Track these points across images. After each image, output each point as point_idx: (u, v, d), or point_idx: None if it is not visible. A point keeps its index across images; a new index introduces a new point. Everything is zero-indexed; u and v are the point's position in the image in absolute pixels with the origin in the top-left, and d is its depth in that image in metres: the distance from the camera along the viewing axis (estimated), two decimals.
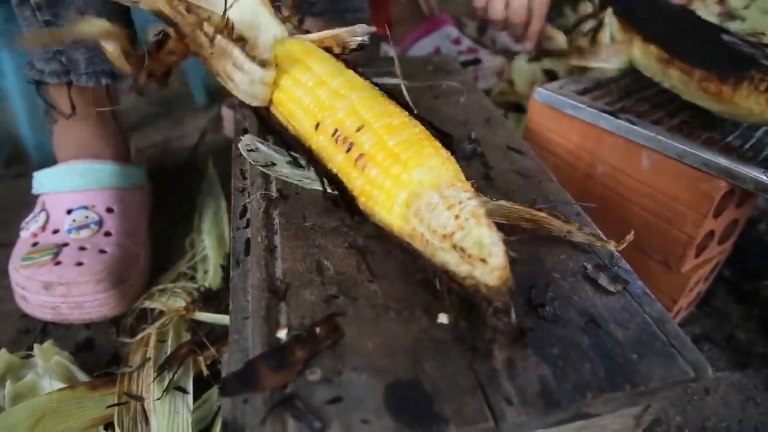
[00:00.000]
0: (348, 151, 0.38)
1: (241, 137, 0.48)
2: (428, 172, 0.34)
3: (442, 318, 0.33)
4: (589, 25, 0.72)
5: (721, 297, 0.71)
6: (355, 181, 0.38)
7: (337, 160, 0.39)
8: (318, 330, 0.32)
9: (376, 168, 0.36)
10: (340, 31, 0.49)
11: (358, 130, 0.38)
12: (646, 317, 0.35)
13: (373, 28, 0.49)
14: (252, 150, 0.47)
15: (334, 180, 0.40)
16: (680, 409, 0.56)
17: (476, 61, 1.11)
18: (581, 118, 0.60)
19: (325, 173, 0.41)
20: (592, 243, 0.40)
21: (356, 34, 0.49)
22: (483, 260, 0.30)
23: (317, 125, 0.40)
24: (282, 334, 0.32)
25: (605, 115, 0.58)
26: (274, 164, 0.46)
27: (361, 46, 0.48)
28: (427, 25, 1.22)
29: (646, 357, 0.32)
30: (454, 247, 0.31)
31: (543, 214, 0.40)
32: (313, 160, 0.42)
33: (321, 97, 0.40)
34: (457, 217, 0.31)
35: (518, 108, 1.04)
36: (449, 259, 0.32)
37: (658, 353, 0.33)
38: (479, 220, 0.31)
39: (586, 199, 0.46)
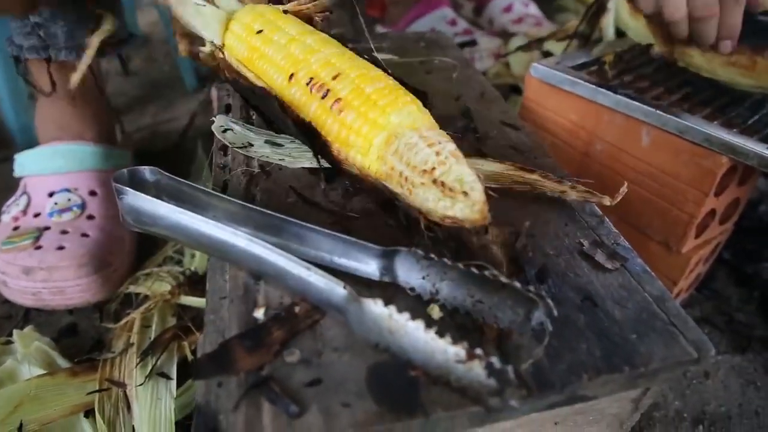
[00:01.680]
0: (323, 98, 0.37)
1: (213, 118, 0.46)
2: (407, 116, 0.34)
3: (435, 312, 0.31)
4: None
5: (721, 279, 0.69)
6: (331, 127, 0.37)
7: (311, 109, 0.38)
8: (297, 309, 0.30)
9: (352, 112, 0.35)
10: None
11: (335, 78, 0.37)
12: (645, 296, 0.33)
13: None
14: (227, 130, 0.45)
15: (307, 127, 0.39)
16: (679, 393, 0.55)
17: (472, 42, 1.09)
18: (579, 93, 0.58)
19: (297, 121, 0.39)
20: (588, 199, 0.39)
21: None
22: (465, 193, 0.30)
23: (291, 76, 0.39)
24: (259, 313, 0.30)
25: (603, 90, 0.55)
26: (251, 145, 0.44)
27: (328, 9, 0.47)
28: (423, 5, 1.19)
29: (646, 337, 0.31)
30: (434, 182, 0.31)
31: (535, 176, 0.39)
32: (284, 108, 0.41)
33: (294, 52, 0.39)
34: (438, 153, 0.31)
35: (515, 90, 1.02)
36: (428, 196, 0.31)
37: (658, 333, 0.31)
38: (459, 159, 0.31)
39: (584, 178, 0.44)
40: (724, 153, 0.48)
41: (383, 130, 0.34)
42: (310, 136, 0.38)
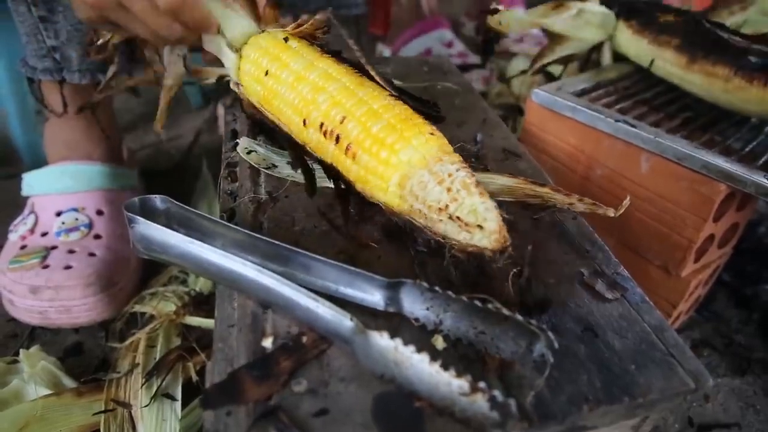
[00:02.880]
0: (337, 142, 0.38)
1: (238, 140, 0.47)
2: (414, 151, 0.34)
3: (438, 343, 0.32)
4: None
5: (720, 301, 0.70)
6: (350, 168, 0.38)
7: (330, 151, 0.39)
8: (305, 339, 0.31)
9: (365, 154, 0.36)
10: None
11: (342, 121, 0.37)
12: (644, 326, 0.34)
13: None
14: (251, 152, 0.46)
15: (331, 169, 0.40)
16: (679, 417, 0.55)
17: (467, 67, 1.10)
18: (579, 119, 0.59)
19: (321, 164, 0.41)
20: (593, 210, 0.40)
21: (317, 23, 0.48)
22: (479, 226, 0.31)
23: (304, 121, 0.40)
24: (268, 342, 0.31)
25: (604, 116, 0.56)
26: (275, 166, 0.45)
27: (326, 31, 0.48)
28: (422, 25, 1.21)
29: (645, 367, 0.31)
30: (451, 218, 0.32)
31: (546, 189, 0.41)
32: (307, 153, 0.42)
33: (303, 92, 0.40)
34: (449, 190, 0.32)
35: (516, 110, 1.03)
36: (449, 229, 0.32)
37: (657, 363, 0.32)
38: (470, 189, 0.32)
39: None
40: (722, 180, 0.49)
41: (396, 170, 0.35)
42: (334, 177, 0.40)
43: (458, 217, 0.32)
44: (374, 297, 0.33)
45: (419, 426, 0.27)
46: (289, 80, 0.41)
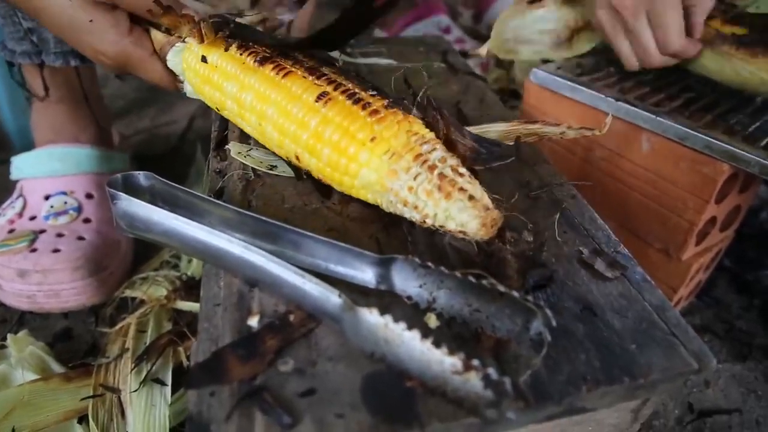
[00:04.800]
0: (308, 171, 0.40)
1: (229, 146, 0.46)
2: (368, 171, 0.34)
3: (431, 321, 0.31)
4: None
5: (721, 287, 0.69)
6: (339, 181, 0.38)
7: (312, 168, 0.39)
8: (292, 317, 0.30)
9: (332, 179, 0.37)
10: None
11: (297, 157, 0.39)
12: (645, 305, 0.33)
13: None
14: (247, 156, 0.44)
15: (317, 181, 0.41)
16: (679, 402, 0.54)
17: (465, 54, 1.08)
18: (579, 99, 0.57)
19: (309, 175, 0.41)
20: (582, 134, 0.41)
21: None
22: (462, 232, 0.31)
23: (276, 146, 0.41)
24: (254, 321, 0.30)
25: (604, 96, 0.55)
26: (275, 166, 0.43)
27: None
28: (419, 10, 1.19)
29: (646, 347, 0.30)
30: (437, 228, 0.32)
31: (538, 125, 0.41)
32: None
33: (251, 120, 0.41)
34: (416, 207, 0.32)
35: (515, 95, 1.02)
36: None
37: (658, 343, 0.31)
38: (433, 195, 0.32)
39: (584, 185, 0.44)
40: (725, 160, 0.48)
41: (366, 190, 0.35)
42: (321, 187, 0.40)
43: (442, 226, 0.32)
44: (365, 274, 0.32)
45: (410, 406, 0.26)
46: (234, 110, 0.42)
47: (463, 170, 0.33)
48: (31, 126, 0.68)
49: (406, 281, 0.31)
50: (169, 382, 0.50)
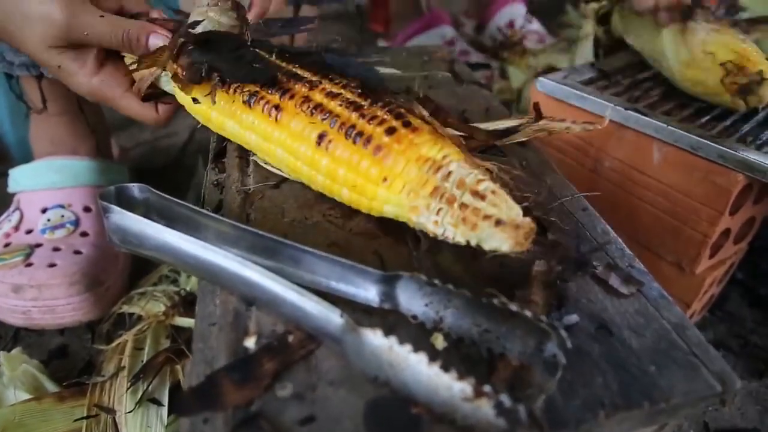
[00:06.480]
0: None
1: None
2: (392, 210, 0.33)
3: (438, 342, 0.29)
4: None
5: (734, 300, 0.67)
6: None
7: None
8: (291, 338, 0.28)
9: (363, 200, 0.36)
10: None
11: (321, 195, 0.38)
12: (663, 323, 0.31)
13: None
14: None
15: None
16: (694, 422, 0.52)
17: (471, 66, 1.07)
18: (587, 108, 0.56)
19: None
20: (586, 128, 0.43)
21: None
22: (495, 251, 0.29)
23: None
24: (250, 342, 0.28)
25: (613, 105, 0.54)
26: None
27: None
28: (424, 21, 1.18)
29: (666, 368, 0.28)
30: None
31: (543, 121, 0.44)
32: None
33: (264, 157, 0.42)
34: (447, 237, 0.30)
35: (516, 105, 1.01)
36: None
37: (678, 364, 0.29)
38: (459, 227, 0.30)
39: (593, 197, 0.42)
40: (739, 170, 0.46)
41: (398, 217, 0.34)
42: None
43: (479, 245, 0.30)
44: (368, 292, 0.30)
45: None
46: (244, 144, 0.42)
47: (483, 189, 0.30)
48: (30, 139, 0.67)
49: (412, 300, 0.29)
50: (166, 402, 0.48)
